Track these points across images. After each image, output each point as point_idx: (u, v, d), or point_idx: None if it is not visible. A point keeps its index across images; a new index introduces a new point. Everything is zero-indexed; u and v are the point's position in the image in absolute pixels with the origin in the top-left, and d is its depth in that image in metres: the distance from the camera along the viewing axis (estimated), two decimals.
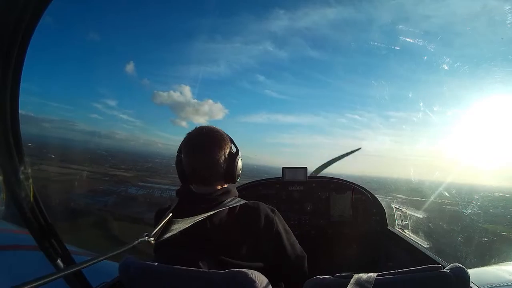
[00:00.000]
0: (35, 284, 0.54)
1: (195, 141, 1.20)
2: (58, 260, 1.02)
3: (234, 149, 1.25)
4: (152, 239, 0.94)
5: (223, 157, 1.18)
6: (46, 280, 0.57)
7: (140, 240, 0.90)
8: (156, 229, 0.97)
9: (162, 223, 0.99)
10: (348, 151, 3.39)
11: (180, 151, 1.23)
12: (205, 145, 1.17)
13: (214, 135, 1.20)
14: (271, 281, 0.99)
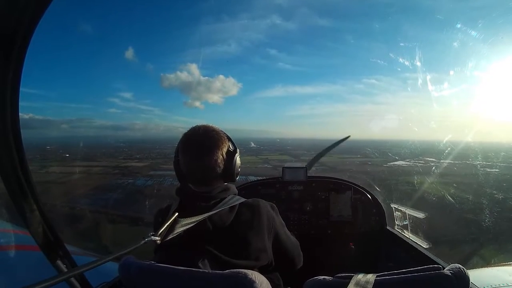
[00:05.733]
0: (40, 286, 0.54)
1: (192, 141, 1.19)
2: (58, 260, 1.02)
3: (232, 147, 1.23)
4: (158, 238, 0.94)
5: (221, 157, 1.17)
6: (51, 282, 0.57)
7: (146, 239, 0.90)
8: (162, 229, 0.96)
9: (169, 223, 0.99)
10: (339, 139, 3.40)
11: (177, 151, 1.22)
12: (202, 145, 1.16)
13: (210, 135, 1.18)
14: (271, 278, 0.99)
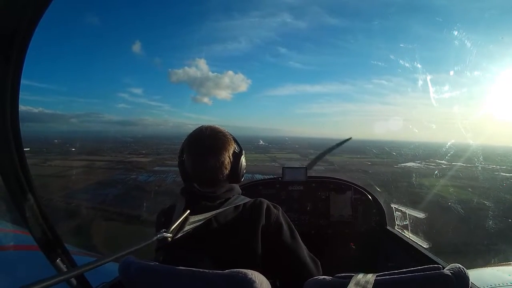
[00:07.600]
0: (39, 286, 0.54)
1: (198, 142, 1.18)
2: (58, 260, 1.02)
3: (237, 149, 1.22)
4: (170, 235, 0.94)
5: (227, 159, 1.16)
6: (50, 282, 0.57)
7: (158, 236, 0.91)
8: (174, 225, 0.96)
9: (181, 219, 0.99)
10: (339, 141, 3.39)
11: (182, 151, 1.22)
12: (209, 147, 1.15)
13: (217, 136, 1.17)
14: (272, 280, 0.99)
